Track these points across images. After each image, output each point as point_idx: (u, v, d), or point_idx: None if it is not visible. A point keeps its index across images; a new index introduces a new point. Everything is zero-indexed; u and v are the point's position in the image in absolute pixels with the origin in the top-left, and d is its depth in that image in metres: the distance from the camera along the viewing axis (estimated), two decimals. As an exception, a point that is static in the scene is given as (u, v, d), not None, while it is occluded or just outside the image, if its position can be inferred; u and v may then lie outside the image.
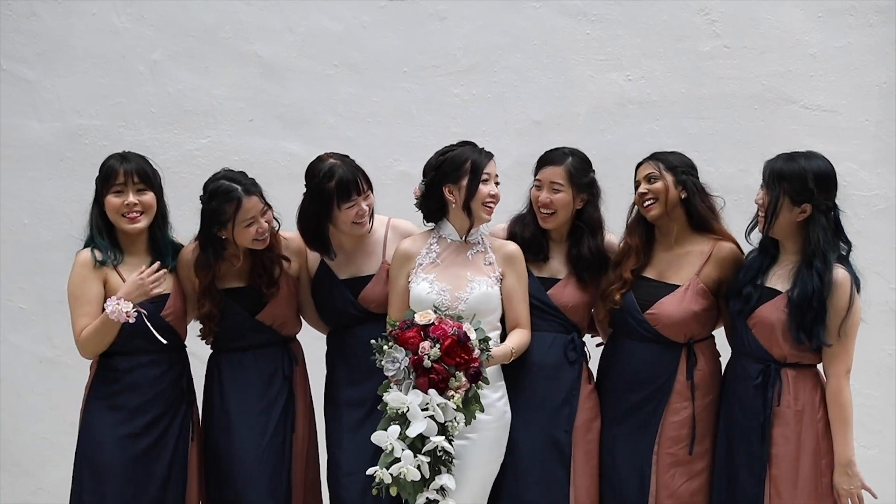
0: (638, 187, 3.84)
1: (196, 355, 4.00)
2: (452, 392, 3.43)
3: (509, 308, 3.80)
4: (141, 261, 3.83)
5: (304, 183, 3.88)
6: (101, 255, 3.78)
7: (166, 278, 3.83)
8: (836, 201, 3.65)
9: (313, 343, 4.11)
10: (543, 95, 5.35)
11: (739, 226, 3.86)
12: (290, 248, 3.97)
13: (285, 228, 3.96)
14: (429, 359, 3.41)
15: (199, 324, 3.96)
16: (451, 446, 3.46)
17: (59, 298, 3.89)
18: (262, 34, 5.38)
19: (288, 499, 3.94)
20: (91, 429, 3.80)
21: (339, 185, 3.78)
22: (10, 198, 5.43)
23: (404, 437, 3.41)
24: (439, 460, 3.47)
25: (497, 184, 3.79)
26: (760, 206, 3.69)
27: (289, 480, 3.94)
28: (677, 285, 3.80)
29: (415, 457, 3.41)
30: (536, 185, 3.89)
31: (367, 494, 3.63)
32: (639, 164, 3.87)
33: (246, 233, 3.79)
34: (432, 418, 3.42)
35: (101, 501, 3.77)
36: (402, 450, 3.41)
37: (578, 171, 3.87)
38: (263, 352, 3.94)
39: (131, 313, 3.63)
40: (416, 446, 3.43)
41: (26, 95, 5.40)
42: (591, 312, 3.97)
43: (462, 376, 3.43)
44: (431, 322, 3.46)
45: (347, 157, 3.87)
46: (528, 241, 3.90)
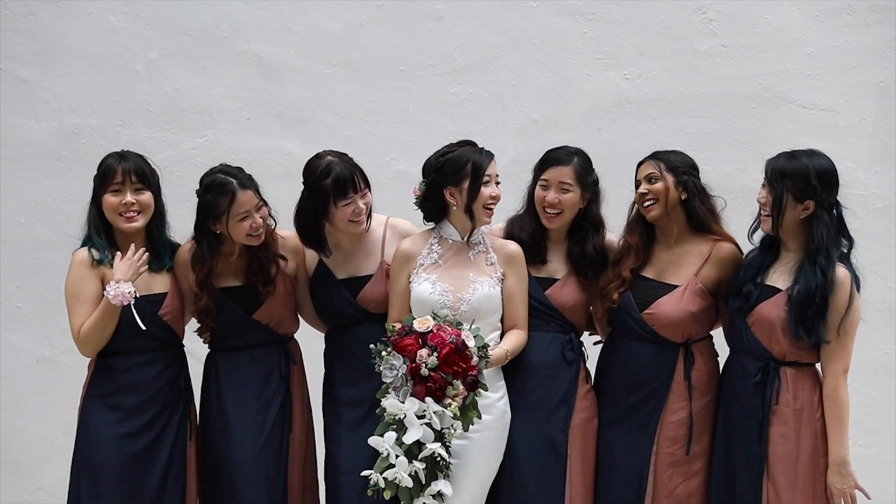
0: (638, 187, 3.83)
1: (193, 354, 4.00)
2: (449, 400, 3.41)
3: (508, 308, 3.79)
4: (138, 260, 3.85)
5: (302, 180, 3.88)
6: (98, 253, 3.77)
7: (164, 277, 3.85)
8: (838, 198, 3.66)
9: (312, 342, 4.11)
10: (541, 94, 5.35)
11: (737, 225, 3.87)
12: (287, 247, 3.96)
13: (284, 227, 3.96)
14: (426, 367, 3.39)
15: (196, 322, 3.97)
16: (448, 453, 3.45)
17: (58, 298, 3.88)
18: (260, 33, 5.38)
19: (284, 499, 3.93)
20: (88, 428, 3.80)
21: (335, 183, 3.77)
22: (8, 197, 5.43)
23: (401, 444, 3.41)
24: (436, 466, 3.46)
25: (498, 184, 3.77)
26: (763, 205, 3.68)
27: (285, 480, 3.94)
28: (675, 285, 3.79)
29: (410, 463, 3.40)
30: (542, 186, 3.86)
31: (365, 494, 3.61)
32: (640, 164, 3.86)
33: (240, 227, 3.78)
34: (429, 425, 3.40)
35: (98, 501, 3.76)
36: (396, 456, 3.40)
37: (585, 170, 3.86)
38: (260, 351, 3.93)
39: (132, 293, 3.64)
40: (413, 452, 3.42)
41: (23, 95, 5.40)
42: (589, 312, 3.97)
43: (460, 384, 3.41)
44: (430, 329, 3.44)
45: (346, 154, 3.86)
46: (527, 242, 3.88)
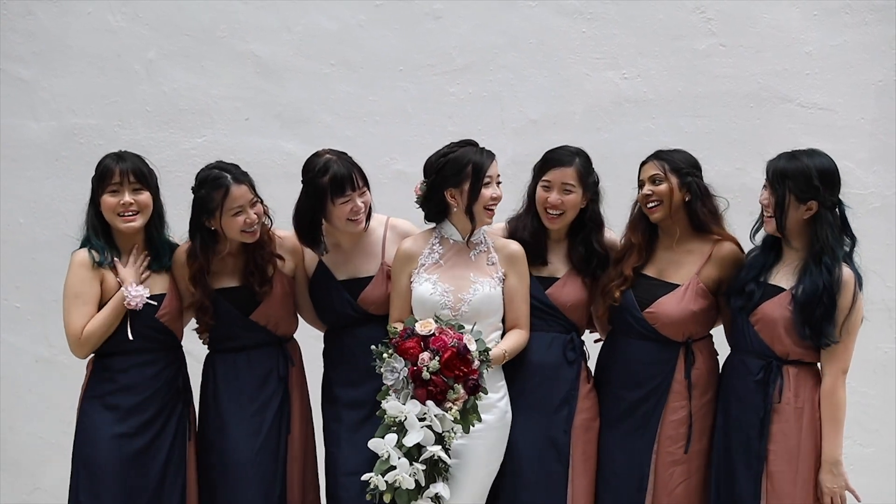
0: (642, 186, 3.81)
1: (193, 354, 3.99)
2: (450, 404, 3.41)
3: (509, 308, 3.78)
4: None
5: (301, 179, 3.87)
6: (98, 255, 3.77)
7: (162, 278, 3.85)
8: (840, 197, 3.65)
9: (311, 342, 4.10)
10: (540, 94, 5.35)
11: (736, 224, 3.87)
12: (285, 247, 3.96)
13: (284, 227, 3.95)
14: (427, 370, 3.39)
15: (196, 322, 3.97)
16: (448, 456, 3.45)
17: (57, 298, 3.87)
18: (259, 33, 5.38)
19: (283, 500, 3.93)
20: (86, 428, 3.79)
21: (332, 180, 3.76)
22: (7, 197, 5.42)
23: (401, 446, 3.40)
24: (435, 468, 3.46)
25: (499, 184, 3.76)
26: (765, 206, 3.68)
27: (283, 482, 3.93)
28: (677, 284, 3.79)
29: (410, 465, 3.40)
30: (544, 187, 3.84)
31: (365, 495, 3.60)
32: (643, 163, 3.84)
33: (233, 222, 3.77)
34: (429, 428, 3.40)
35: (96, 501, 3.76)
36: (398, 458, 3.40)
37: (587, 170, 3.85)
38: (258, 352, 3.92)
39: (146, 296, 3.73)
40: (413, 454, 3.41)
41: (22, 95, 5.39)
42: (589, 311, 3.96)
43: (460, 388, 3.41)
44: (432, 333, 3.43)
45: (345, 153, 3.85)
46: (528, 242, 3.87)
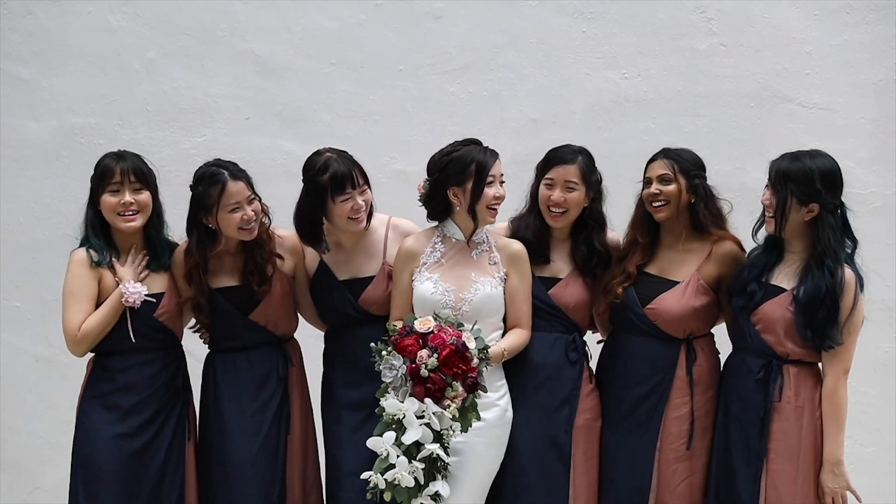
0: (648, 184, 3.81)
1: (193, 354, 3.99)
2: (449, 402, 3.40)
3: (511, 307, 3.78)
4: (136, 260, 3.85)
5: (301, 178, 3.87)
6: (97, 255, 3.77)
7: (161, 277, 3.85)
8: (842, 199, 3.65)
9: (311, 342, 4.10)
10: (540, 93, 5.35)
11: (736, 223, 3.87)
12: (285, 246, 3.95)
13: (284, 227, 3.95)
14: (426, 368, 3.38)
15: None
16: (447, 453, 3.45)
17: (57, 298, 3.87)
18: (259, 32, 5.38)
19: (282, 501, 3.92)
20: (86, 428, 3.79)
21: (333, 178, 3.76)
22: (7, 197, 5.42)
23: (399, 444, 3.40)
24: (434, 466, 3.46)
25: (502, 183, 3.76)
26: (767, 206, 3.67)
27: (283, 482, 3.93)
28: (678, 281, 3.80)
29: (409, 463, 3.40)
30: (547, 185, 3.84)
31: (365, 496, 3.59)
32: (651, 160, 3.83)
33: (230, 218, 3.76)
34: (428, 426, 3.40)
35: (95, 501, 3.76)
36: (396, 456, 3.39)
37: (589, 168, 3.85)
38: (258, 352, 3.92)
39: (144, 293, 3.73)
40: (412, 453, 3.41)
41: (22, 94, 5.39)
42: (591, 310, 3.95)
43: (459, 386, 3.41)
44: (431, 330, 3.43)
45: (345, 152, 3.85)
46: (531, 241, 3.87)
